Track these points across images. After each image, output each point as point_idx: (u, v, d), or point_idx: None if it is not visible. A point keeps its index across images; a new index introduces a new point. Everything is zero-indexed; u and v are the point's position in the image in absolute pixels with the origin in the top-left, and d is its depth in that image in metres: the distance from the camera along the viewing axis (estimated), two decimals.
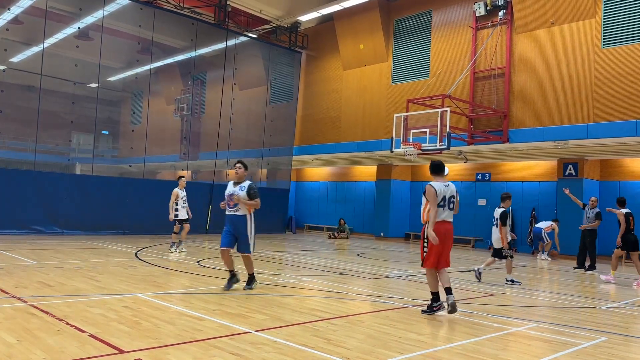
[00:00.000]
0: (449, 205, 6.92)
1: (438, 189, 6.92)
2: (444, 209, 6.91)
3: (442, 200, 6.90)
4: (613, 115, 15.81)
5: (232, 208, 8.27)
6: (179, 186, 13.65)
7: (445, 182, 7.04)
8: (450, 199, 6.94)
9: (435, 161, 7.21)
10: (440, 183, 7.00)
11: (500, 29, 18.63)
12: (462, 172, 22.09)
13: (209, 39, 22.54)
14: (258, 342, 5.22)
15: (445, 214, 6.92)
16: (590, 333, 6.34)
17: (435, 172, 7.16)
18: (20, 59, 19.43)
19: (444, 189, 6.94)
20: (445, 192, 6.93)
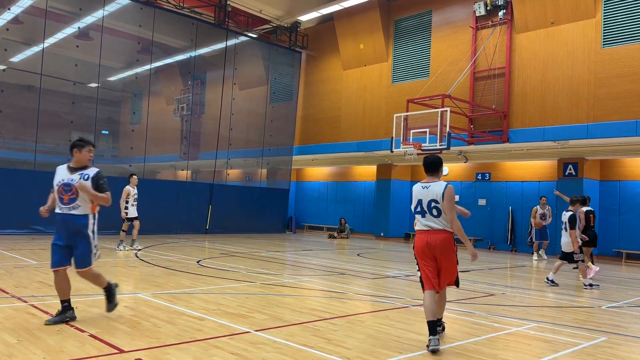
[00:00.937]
0: (429, 211, 5.52)
1: (414, 190, 5.75)
2: (422, 216, 5.58)
3: (417, 206, 5.63)
4: (613, 115, 15.81)
5: (66, 204, 5.90)
6: (130, 184, 13.57)
7: (428, 182, 5.66)
8: (431, 203, 5.51)
9: (427, 157, 5.82)
10: (420, 183, 5.75)
11: (500, 29, 18.63)
12: (462, 172, 22.09)
13: (209, 38, 22.54)
14: (258, 341, 5.22)
15: (425, 222, 5.56)
16: (590, 333, 6.34)
17: (425, 170, 5.81)
18: (20, 59, 19.43)
19: (420, 191, 5.63)
20: (421, 195, 5.60)
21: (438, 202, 5.49)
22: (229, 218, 21.89)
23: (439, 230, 5.49)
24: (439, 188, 5.54)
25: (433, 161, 5.75)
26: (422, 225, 5.59)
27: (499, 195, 20.83)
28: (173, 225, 19.95)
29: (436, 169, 5.73)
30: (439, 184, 5.59)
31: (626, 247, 17.48)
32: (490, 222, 20.89)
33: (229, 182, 23.71)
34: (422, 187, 5.68)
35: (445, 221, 5.49)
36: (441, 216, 5.50)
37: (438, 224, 5.50)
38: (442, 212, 5.48)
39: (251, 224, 22.63)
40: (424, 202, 5.57)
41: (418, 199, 5.64)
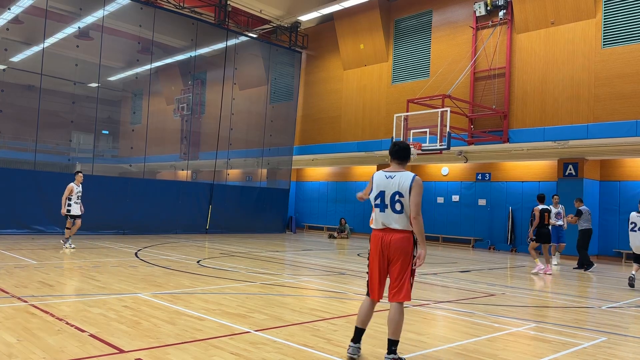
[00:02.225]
0: (392, 205, 4.75)
1: (375, 178, 4.98)
2: (381, 211, 4.83)
3: (378, 197, 4.86)
4: (613, 115, 15.81)
5: None
6: (75, 181, 13.45)
7: (393, 171, 4.90)
8: (394, 197, 4.75)
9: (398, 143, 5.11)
10: (383, 172, 4.96)
11: (501, 29, 18.63)
12: (462, 172, 22.10)
13: (209, 38, 22.55)
14: (258, 341, 5.22)
15: (383, 218, 4.82)
16: (591, 333, 6.34)
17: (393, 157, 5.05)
18: (20, 59, 19.44)
19: (383, 180, 4.86)
20: (384, 186, 4.84)
21: (403, 196, 4.73)
22: (229, 218, 21.90)
23: (397, 230, 4.77)
24: (405, 179, 4.76)
25: (404, 148, 5.03)
26: (379, 223, 4.88)
27: (499, 196, 20.82)
28: (173, 225, 19.96)
29: (406, 157, 5.01)
30: (406, 174, 4.82)
31: (626, 247, 17.42)
32: (490, 222, 20.88)
33: (229, 182, 23.72)
34: (385, 176, 4.88)
35: (407, 220, 4.75)
36: (403, 213, 4.73)
37: (398, 222, 4.76)
38: (404, 207, 4.73)
39: (251, 224, 22.64)
40: (387, 194, 4.80)
41: (380, 189, 4.85)
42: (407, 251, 4.75)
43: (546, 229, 12.98)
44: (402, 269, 4.74)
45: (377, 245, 4.84)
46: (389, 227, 4.78)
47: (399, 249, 4.74)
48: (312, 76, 25.66)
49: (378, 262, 4.83)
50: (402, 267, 4.74)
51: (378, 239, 4.84)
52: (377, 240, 4.85)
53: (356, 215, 25.50)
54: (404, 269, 4.74)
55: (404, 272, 4.73)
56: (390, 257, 4.78)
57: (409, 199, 4.71)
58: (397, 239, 4.75)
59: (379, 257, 4.82)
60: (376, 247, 4.85)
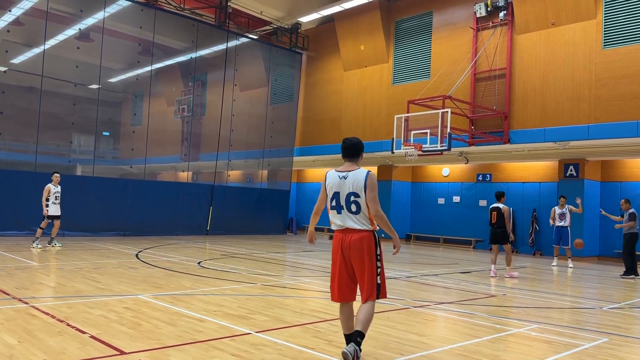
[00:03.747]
0: (347, 206, 4.61)
1: (328, 179, 4.81)
2: (338, 212, 4.68)
3: (333, 199, 4.70)
4: (614, 116, 15.80)
5: None
6: (52, 182, 13.63)
7: (345, 170, 4.74)
8: (349, 197, 4.60)
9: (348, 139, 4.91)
10: (335, 172, 4.80)
11: (501, 30, 18.63)
12: (463, 173, 22.09)
13: (210, 40, 22.57)
14: (259, 343, 5.22)
15: (340, 220, 4.67)
16: (592, 334, 6.33)
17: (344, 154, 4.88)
18: (21, 61, 19.44)
19: (337, 181, 4.70)
20: (337, 187, 4.68)
21: (359, 196, 4.57)
22: (230, 219, 21.90)
23: (356, 230, 4.60)
24: (359, 177, 4.61)
25: (355, 144, 4.81)
26: (337, 225, 4.72)
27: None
28: (174, 227, 19.96)
29: (357, 153, 4.81)
30: (359, 172, 4.66)
31: None
32: None
33: (229, 183, 23.71)
34: (338, 176, 4.71)
35: (366, 218, 4.60)
36: (361, 213, 4.59)
37: (356, 222, 4.60)
38: (361, 207, 4.58)
39: (252, 225, 22.63)
40: (342, 195, 4.64)
41: (334, 191, 4.68)
42: (370, 250, 4.57)
43: (493, 229, 12.04)
44: (369, 269, 4.55)
45: (338, 247, 4.67)
46: (348, 227, 4.63)
47: (361, 249, 4.57)
48: (313, 77, 25.66)
49: (339, 264, 4.65)
50: (369, 267, 4.55)
51: (338, 241, 4.68)
52: (337, 241, 4.69)
53: None
54: (372, 269, 4.56)
55: (371, 272, 4.56)
56: (353, 258, 4.60)
57: (365, 197, 4.56)
58: (357, 239, 4.57)
59: (340, 259, 4.65)
60: (337, 249, 4.67)
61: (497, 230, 11.96)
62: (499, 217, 11.90)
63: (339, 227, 4.70)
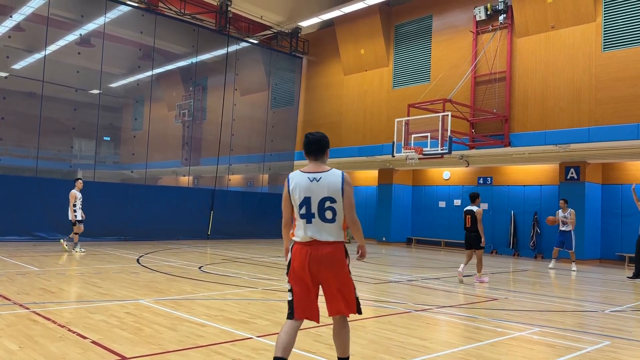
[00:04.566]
0: (321, 214, 3.94)
1: (293, 181, 4.04)
2: (308, 222, 3.97)
3: (302, 205, 3.98)
4: (614, 119, 15.80)
5: None
6: (75, 188, 13.95)
7: (315, 172, 4.03)
8: (323, 203, 3.94)
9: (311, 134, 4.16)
10: (304, 174, 4.05)
11: (501, 33, 18.66)
12: (464, 176, 22.09)
13: (210, 44, 22.61)
14: (260, 347, 5.21)
15: (311, 230, 3.98)
16: (594, 337, 6.31)
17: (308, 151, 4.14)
18: (22, 66, 19.49)
19: (307, 185, 3.97)
20: (308, 191, 3.97)
21: (335, 201, 3.94)
22: (231, 223, 21.89)
23: (328, 243, 3.97)
24: (334, 179, 3.96)
25: (320, 138, 4.10)
26: (303, 237, 3.99)
27: (500, 200, 20.80)
28: (175, 231, 19.95)
29: (323, 150, 4.11)
30: (333, 174, 4.01)
31: (629, 250, 17.40)
32: (492, 226, 20.83)
33: (230, 187, 23.72)
34: (308, 178, 3.99)
35: (340, 228, 4.01)
36: (336, 221, 3.98)
37: (330, 233, 3.96)
38: (337, 214, 3.97)
39: (253, 229, 22.62)
40: (313, 201, 3.95)
41: (304, 196, 3.95)
42: (342, 263, 4.04)
43: (468, 233, 11.33)
44: (343, 281, 4.04)
45: (304, 262, 3.97)
46: (318, 239, 3.95)
47: (334, 264, 3.99)
48: (313, 81, 25.70)
49: (305, 281, 4.02)
50: (342, 280, 4.04)
51: (304, 255, 3.97)
52: (303, 256, 3.98)
53: None
54: (345, 281, 4.06)
55: (345, 284, 4.06)
56: (322, 274, 4.00)
57: (343, 203, 3.97)
58: (329, 254, 3.96)
59: (306, 277, 4.00)
60: (302, 264, 3.98)
61: (472, 234, 11.22)
62: (473, 221, 11.16)
63: (305, 239, 3.97)
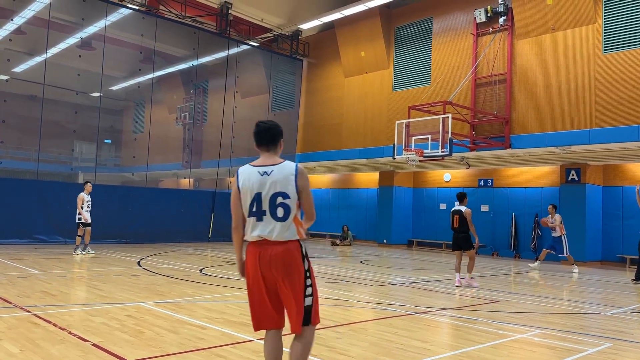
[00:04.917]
0: (272, 211, 3.60)
1: (242, 177, 3.73)
2: (259, 219, 3.64)
3: (252, 203, 3.65)
4: (615, 121, 15.79)
5: None
6: (84, 191, 14.12)
7: (266, 165, 3.70)
8: (275, 199, 3.61)
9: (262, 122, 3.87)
10: (254, 167, 3.73)
11: (501, 35, 18.67)
12: (465, 178, 22.08)
13: (211, 47, 22.65)
14: (260, 350, 5.19)
15: (261, 229, 3.64)
16: (595, 339, 6.30)
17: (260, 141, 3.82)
18: (23, 69, 19.52)
19: (258, 179, 3.65)
20: (258, 186, 3.63)
21: (288, 197, 3.61)
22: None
23: (280, 242, 3.61)
24: (287, 172, 3.64)
25: (271, 127, 3.77)
26: (254, 237, 3.66)
27: (501, 202, 20.78)
28: (175, 234, 19.96)
29: (275, 140, 3.76)
30: (286, 166, 3.69)
31: (630, 252, 17.37)
32: (493, 228, 20.83)
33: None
34: (258, 172, 3.66)
35: (294, 226, 3.64)
36: (289, 219, 3.61)
37: (282, 231, 3.60)
38: (290, 211, 3.62)
39: None
40: (264, 197, 3.61)
41: (255, 192, 3.61)
42: (298, 264, 3.62)
43: (455, 234, 11.06)
44: (297, 288, 3.62)
45: (255, 263, 3.63)
46: (268, 239, 3.60)
47: (285, 264, 3.59)
48: (314, 84, 25.72)
49: (259, 288, 3.65)
50: (297, 285, 3.61)
51: (255, 256, 3.63)
52: (254, 257, 3.64)
53: (359, 222, 25.47)
54: (300, 288, 3.62)
55: (300, 291, 3.62)
56: (275, 277, 3.60)
57: (297, 198, 3.65)
58: (280, 253, 3.58)
59: (259, 281, 3.63)
60: (254, 266, 3.63)
61: (459, 235, 10.96)
62: (461, 221, 10.89)
63: (256, 238, 3.64)
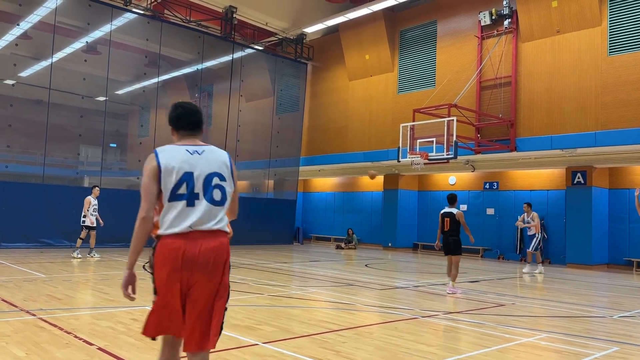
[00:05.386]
0: (208, 194, 3.09)
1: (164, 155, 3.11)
2: (190, 204, 3.03)
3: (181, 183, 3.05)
4: (621, 123, 15.72)
5: None
6: (92, 194, 14.26)
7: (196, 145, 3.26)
8: (211, 180, 3.13)
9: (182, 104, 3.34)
10: (180, 146, 3.20)
11: (506, 38, 18.64)
12: (470, 181, 22.02)
13: (216, 51, 22.72)
14: (266, 354, 5.20)
15: (196, 213, 3.03)
16: (602, 343, 6.26)
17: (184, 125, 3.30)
18: (29, 74, 19.63)
19: (185, 157, 3.12)
20: (189, 165, 3.10)
21: (224, 179, 3.18)
22: (236, 229, 21.45)
23: (215, 233, 3.07)
24: (221, 156, 3.26)
25: (197, 109, 3.37)
26: (182, 224, 3.00)
27: (507, 205, 20.71)
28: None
29: (201, 123, 3.36)
30: (217, 149, 3.33)
31: (637, 255, 17.30)
32: (498, 231, 20.76)
33: None
34: (187, 151, 3.15)
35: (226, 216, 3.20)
36: (225, 205, 3.16)
37: (221, 218, 3.10)
38: (227, 197, 3.18)
39: (258, 235, 22.62)
40: (197, 177, 3.08)
41: (185, 171, 3.06)
42: (227, 266, 3.11)
43: (446, 237, 10.40)
44: (222, 294, 3.06)
45: (175, 264, 2.96)
46: (201, 229, 3.02)
47: (217, 263, 3.02)
48: (318, 87, 25.75)
49: (179, 288, 3.01)
50: (222, 292, 3.06)
51: (177, 254, 2.97)
52: (175, 255, 2.97)
53: (363, 225, 25.44)
54: (224, 295, 3.09)
55: (224, 300, 3.08)
56: (199, 277, 2.98)
57: (232, 184, 3.23)
58: (213, 249, 3.02)
59: (179, 281, 2.99)
60: (175, 264, 2.97)
61: (450, 238, 10.32)
62: (453, 224, 10.31)
63: (184, 229, 2.99)
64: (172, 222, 3.01)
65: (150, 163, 3.11)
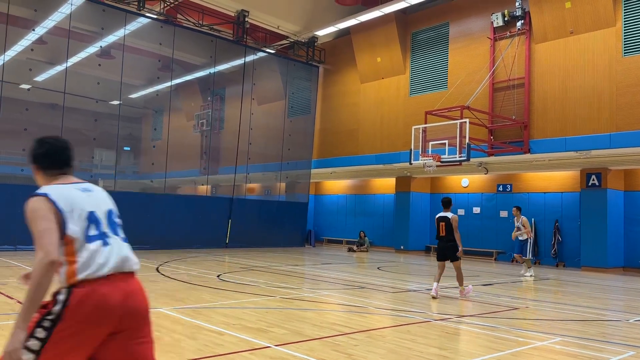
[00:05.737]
0: (114, 229, 2.74)
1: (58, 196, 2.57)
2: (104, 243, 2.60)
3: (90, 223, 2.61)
4: (636, 124, 15.53)
5: None
6: None
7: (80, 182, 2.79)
8: (111, 216, 2.78)
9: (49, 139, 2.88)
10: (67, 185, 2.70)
11: (519, 39, 18.52)
12: (483, 183, 21.88)
13: (228, 55, 22.85)
14: (278, 356, 5.20)
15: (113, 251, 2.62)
16: (618, 347, 6.18)
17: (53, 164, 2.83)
18: (44, 78, 19.89)
19: (80, 196, 2.66)
20: (89, 204, 2.67)
21: (119, 215, 2.89)
22: (249, 232, 21.97)
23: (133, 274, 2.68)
24: (103, 191, 2.85)
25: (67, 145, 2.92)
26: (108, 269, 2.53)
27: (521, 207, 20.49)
28: (193, 240, 20.08)
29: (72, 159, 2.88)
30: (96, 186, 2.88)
31: None
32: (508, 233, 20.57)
33: (248, 196, 23.84)
34: (79, 189, 2.71)
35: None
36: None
37: (132, 256, 2.73)
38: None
39: (270, 237, 22.68)
40: (101, 215, 2.71)
41: (87, 211, 2.63)
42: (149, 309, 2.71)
43: (442, 242, 10.18)
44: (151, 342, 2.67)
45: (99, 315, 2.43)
46: (122, 270, 2.61)
47: (145, 308, 2.65)
48: (330, 90, 25.78)
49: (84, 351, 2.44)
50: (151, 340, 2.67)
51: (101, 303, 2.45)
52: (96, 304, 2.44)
53: (375, 228, 25.38)
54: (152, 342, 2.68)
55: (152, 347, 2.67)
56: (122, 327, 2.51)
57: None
58: (140, 291, 2.66)
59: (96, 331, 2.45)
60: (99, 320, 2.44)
61: (447, 244, 10.03)
62: (448, 229, 9.99)
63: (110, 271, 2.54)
64: (90, 269, 2.49)
65: (43, 209, 2.55)
